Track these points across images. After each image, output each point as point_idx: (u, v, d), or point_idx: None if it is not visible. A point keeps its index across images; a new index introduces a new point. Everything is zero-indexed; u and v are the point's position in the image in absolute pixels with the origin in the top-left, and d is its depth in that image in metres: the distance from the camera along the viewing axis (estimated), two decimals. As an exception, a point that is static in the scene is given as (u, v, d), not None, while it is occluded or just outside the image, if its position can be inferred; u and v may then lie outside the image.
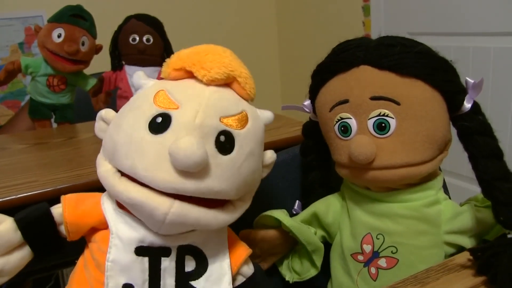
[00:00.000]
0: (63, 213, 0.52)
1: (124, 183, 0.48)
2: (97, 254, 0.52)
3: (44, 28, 1.21)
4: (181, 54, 0.54)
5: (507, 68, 1.48)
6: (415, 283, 0.51)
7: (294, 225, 0.63)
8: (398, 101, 0.54)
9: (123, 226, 0.51)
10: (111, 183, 0.49)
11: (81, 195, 0.55)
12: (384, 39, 0.59)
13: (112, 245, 0.51)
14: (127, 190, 0.48)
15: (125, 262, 0.50)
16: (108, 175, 0.50)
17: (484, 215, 0.58)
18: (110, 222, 0.52)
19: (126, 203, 0.49)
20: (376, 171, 0.56)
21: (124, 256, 0.51)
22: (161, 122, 0.48)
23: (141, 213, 0.49)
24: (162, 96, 0.50)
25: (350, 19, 2.09)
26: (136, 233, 0.51)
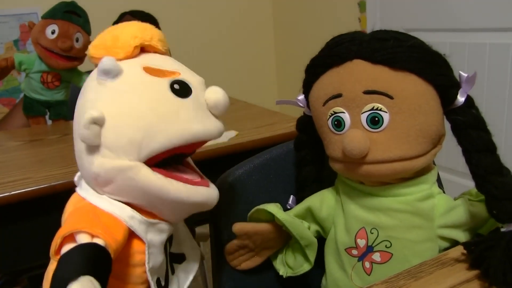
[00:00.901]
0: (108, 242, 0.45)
1: (175, 184, 0.50)
2: (125, 269, 0.50)
3: (38, 24, 1.20)
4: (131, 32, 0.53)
5: (503, 64, 1.48)
6: (408, 277, 0.51)
7: (287, 219, 0.63)
8: (391, 95, 0.54)
9: (153, 234, 0.52)
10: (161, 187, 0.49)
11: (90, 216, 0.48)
12: (378, 33, 0.58)
13: (149, 255, 0.51)
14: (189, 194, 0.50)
15: (160, 262, 0.53)
16: (148, 177, 0.48)
17: (478, 209, 0.58)
18: (142, 236, 0.50)
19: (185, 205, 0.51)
20: (370, 166, 0.56)
21: (160, 257, 0.53)
22: (181, 88, 0.51)
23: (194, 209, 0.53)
24: (153, 70, 0.51)
25: (346, 15, 2.09)
26: (165, 234, 0.53)
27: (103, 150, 0.48)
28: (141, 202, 0.50)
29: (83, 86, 0.55)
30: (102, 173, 0.49)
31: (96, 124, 0.48)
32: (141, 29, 0.54)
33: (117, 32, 0.53)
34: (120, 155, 0.48)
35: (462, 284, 0.49)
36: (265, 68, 2.67)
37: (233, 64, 2.45)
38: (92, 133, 0.47)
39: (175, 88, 0.50)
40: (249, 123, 1.09)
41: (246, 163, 0.73)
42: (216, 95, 0.52)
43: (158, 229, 0.52)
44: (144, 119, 0.48)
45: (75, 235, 0.44)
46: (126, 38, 0.52)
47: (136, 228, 0.49)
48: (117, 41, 0.52)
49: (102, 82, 0.50)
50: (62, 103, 1.28)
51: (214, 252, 0.71)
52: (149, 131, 0.48)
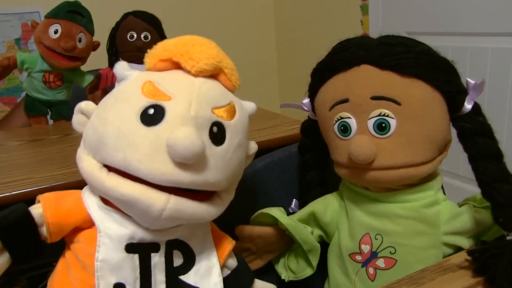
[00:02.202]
0: (44, 213, 0.49)
1: (115, 179, 0.47)
2: (83, 255, 0.50)
3: (41, 23, 1.20)
4: (166, 45, 0.52)
5: (505, 68, 1.48)
6: (410, 283, 0.51)
7: (291, 224, 0.63)
8: (398, 101, 0.54)
9: (111, 223, 0.50)
10: (99, 179, 0.47)
11: (59, 194, 0.52)
12: (385, 38, 0.58)
13: (100, 244, 0.49)
14: (119, 186, 0.46)
15: (115, 261, 0.49)
16: (94, 170, 0.48)
17: (482, 216, 0.58)
18: (96, 220, 0.50)
19: (118, 199, 0.47)
20: (376, 172, 0.56)
21: (115, 254, 0.49)
22: (153, 114, 0.47)
23: (134, 209, 0.47)
24: (151, 87, 0.49)
25: (348, 18, 2.09)
26: (126, 230, 0.50)
27: (82, 141, 0.52)
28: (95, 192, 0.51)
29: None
30: (77, 159, 0.51)
31: (83, 115, 0.52)
32: (178, 43, 0.52)
33: (164, 42, 0.53)
34: (85, 148, 0.50)
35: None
36: (267, 70, 2.67)
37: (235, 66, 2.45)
38: (76, 120, 0.52)
39: (146, 113, 0.47)
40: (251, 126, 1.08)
41: (248, 166, 0.73)
42: (175, 137, 0.44)
43: (116, 220, 0.49)
44: (101, 126, 0.49)
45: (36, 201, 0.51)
46: (159, 49, 0.52)
47: (92, 212, 0.50)
48: (153, 50, 0.52)
49: (118, 83, 0.53)
50: (64, 103, 1.28)
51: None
52: (100, 139, 0.48)
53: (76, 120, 0.52)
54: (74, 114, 0.52)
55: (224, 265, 0.57)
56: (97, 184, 0.48)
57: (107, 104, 0.51)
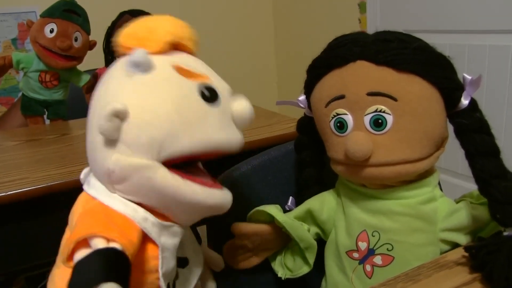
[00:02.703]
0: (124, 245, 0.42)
1: (193, 186, 0.47)
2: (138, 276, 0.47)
3: (36, 23, 1.20)
4: (167, 27, 0.51)
5: (503, 65, 1.48)
6: (406, 280, 0.51)
7: (287, 221, 0.63)
8: (395, 97, 0.54)
9: (166, 237, 0.49)
10: (178, 189, 0.46)
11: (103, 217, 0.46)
12: (381, 34, 0.58)
13: (163, 259, 0.48)
14: (205, 196, 0.48)
15: (172, 268, 0.50)
16: (166, 178, 0.46)
17: (479, 212, 0.58)
18: (156, 238, 0.48)
19: (201, 208, 0.49)
20: (373, 168, 0.56)
21: (172, 262, 0.50)
22: (210, 93, 0.49)
23: (209, 212, 0.51)
24: (185, 70, 0.49)
25: (346, 16, 2.09)
26: (177, 238, 0.51)
27: (120, 146, 0.45)
28: (156, 203, 0.48)
29: (105, 74, 0.52)
30: (117, 170, 0.46)
31: (117, 118, 0.45)
32: (177, 26, 0.52)
33: (151, 24, 0.51)
34: (138, 153, 0.45)
35: (460, 287, 0.49)
36: (265, 69, 2.67)
37: (233, 64, 2.45)
38: (112, 126, 0.44)
39: (204, 93, 0.48)
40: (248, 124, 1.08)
41: (244, 164, 0.73)
42: (243, 107, 0.51)
43: (171, 232, 0.50)
44: (169, 119, 0.45)
45: (89, 240, 0.41)
46: (161, 32, 0.50)
47: (149, 231, 0.47)
48: (151, 33, 0.50)
49: (130, 74, 0.47)
50: (61, 102, 1.28)
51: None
52: (172, 133, 0.45)
53: (112, 127, 0.45)
54: (108, 121, 0.44)
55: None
56: (175, 195, 0.47)
57: (154, 96, 0.46)
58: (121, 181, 0.46)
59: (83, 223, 0.43)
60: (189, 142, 0.46)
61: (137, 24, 0.51)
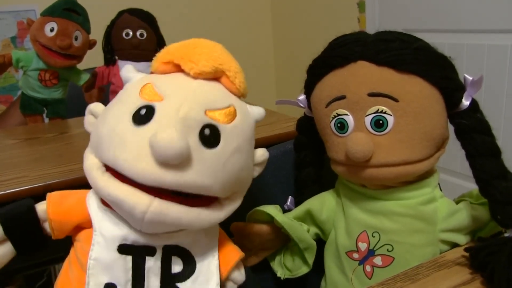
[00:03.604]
0: (47, 209, 0.51)
1: (106, 179, 0.47)
2: (81, 253, 0.51)
3: (36, 21, 1.19)
4: (170, 48, 0.53)
5: (501, 65, 1.48)
6: (405, 279, 0.51)
7: (286, 222, 0.63)
8: (396, 97, 0.54)
9: (106, 223, 0.50)
10: (93, 178, 0.48)
11: (66, 192, 0.54)
12: (382, 34, 0.58)
13: (95, 243, 0.49)
14: (107, 185, 0.47)
15: (107, 260, 0.49)
16: (92, 169, 0.49)
17: (479, 213, 0.58)
18: (93, 219, 0.50)
19: (107, 199, 0.48)
20: (373, 169, 0.55)
21: (107, 254, 0.49)
22: (144, 114, 0.47)
23: (121, 210, 0.48)
24: (148, 89, 0.50)
25: (345, 15, 2.09)
26: (119, 231, 0.49)
27: (90, 141, 0.53)
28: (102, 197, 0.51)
29: None
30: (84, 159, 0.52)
31: (92, 115, 0.54)
32: (180, 47, 0.53)
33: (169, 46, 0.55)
34: (91, 148, 0.51)
35: (459, 286, 0.49)
36: (264, 68, 2.66)
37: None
38: (87, 121, 0.54)
39: (139, 113, 0.47)
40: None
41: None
42: (156, 139, 0.44)
43: (112, 220, 0.50)
44: (101, 126, 0.50)
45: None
46: (162, 52, 0.54)
47: (91, 211, 0.51)
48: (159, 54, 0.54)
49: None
50: (60, 101, 1.27)
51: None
52: (98, 139, 0.50)
53: (87, 121, 0.54)
54: (85, 115, 0.54)
55: (229, 278, 0.55)
56: (92, 183, 0.49)
57: (110, 105, 0.53)
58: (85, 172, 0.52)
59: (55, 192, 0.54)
60: (105, 155, 0.48)
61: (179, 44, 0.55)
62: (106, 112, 0.52)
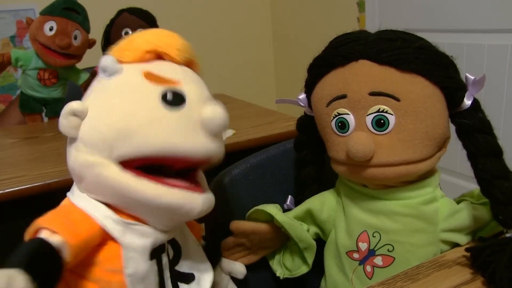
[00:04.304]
0: (65, 238, 0.44)
1: (145, 184, 0.46)
2: (105, 274, 0.48)
3: (36, 20, 1.19)
4: (146, 37, 0.53)
5: (501, 65, 1.48)
6: (405, 279, 0.51)
7: (286, 221, 0.63)
8: (397, 97, 0.53)
9: (132, 236, 0.49)
10: (127, 185, 0.46)
11: (60, 212, 0.48)
12: (384, 33, 0.57)
13: (127, 259, 0.48)
14: (159, 194, 0.47)
15: (144, 271, 0.49)
16: (116, 174, 0.46)
17: (480, 213, 0.58)
18: (117, 236, 0.48)
19: (155, 207, 0.47)
20: (374, 169, 0.55)
21: (143, 265, 0.49)
22: (174, 98, 0.48)
23: (171, 214, 0.49)
24: (154, 76, 0.50)
25: (345, 15, 2.09)
26: (148, 239, 0.50)
27: (79, 144, 0.48)
28: (116, 201, 0.48)
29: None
30: (76, 168, 0.49)
31: (76, 116, 0.48)
32: (159, 36, 0.53)
33: (135, 36, 0.53)
34: (94, 152, 0.47)
35: (459, 286, 0.49)
36: (263, 67, 2.66)
37: (231, 62, 2.44)
38: (69, 124, 0.48)
39: (166, 98, 0.48)
40: (247, 122, 1.09)
41: (242, 162, 0.72)
42: (211, 113, 0.48)
43: (138, 232, 0.49)
44: (122, 120, 0.47)
45: (38, 232, 0.44)
46: (139, 42, 0.52)
47: (109, 228, 0.47)
48: (130, 44, 0.52)
49: (99, 79, 0.51)
50: (59, 100, 1.27)
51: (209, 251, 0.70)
52: (123, 133, 0.46)
53: (67, 124, 0.48)
54: (64, 118, 0.48)
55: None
56: (122, 191, 0.47)
57: (112, 98, 0.49)
58: (80, 179, 0.49)
59: (41, 217, 0.46)
60: (140, 144, 0.46)
61: (127, 37, 0.54)
62: (113, 106, 0.48)
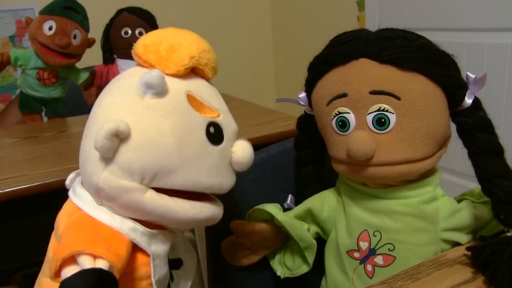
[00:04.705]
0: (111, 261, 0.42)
1: (182, 204, 0.47)
2: (130, 283, 0.47)
3: (35, 20, 1.19)
4: (191, 52, 0.48)
5: (501, 64, 1.48)
6: (406, 278, 0.51)
7: (287, 221, 0.63)
8: (398, 95, 0.53)
9: (156, 244, 0.49)
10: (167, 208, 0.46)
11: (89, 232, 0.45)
12: (384, 32, 0.57)
13: (154, 266, 0.48)
14: (197, 211, 0.49)
15: (164, 274, 0.50)
16: (154, 199, 0.46)
17: (481, 211, 0.58)
18: (146, 248, 0.47)
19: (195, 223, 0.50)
20: (375, 168, 0.55)
21: (164, 268, 0.50)
22: (215, 132, 0.48)
23: (200, 224, 0.51)
24: (195, 101, 0.48)
25: (345, 14, 2.09)
26: (168, 244, 0.51)
27: (113, 166, 0.45)
28: (148, 219, 0.48)
29: (114, 80, 0.50)
30: (106, 189, 0.45)
31: (117, 137, 0.43)
32: (200, 50, 0.49)
33: (176, 42, 0.48)
34: (130, 178, 0.45)
35: (460, 285, 0.49)
36: (263, 66, 2.66)
37: (231, 61, 2.44)
38: (110, 146, 0.43)
39: (210, 132, 0.47)
40: (247, 121, 1.08)
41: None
42: (243, 152, 0.50)
43: (161, 239, 0.50)
44: (167, 153, 0.44)
45: (76, 257, 0.41)
46: (184, 55, 0.47)
47: (138, 241, 0.46)
48: (174, 54, 0.47)
49: (141, 94, 0.46)
50: (59, 100, 1.27)
51: (209, 251, 0.70)
52: (167, 167, 0.45)
53: (110, 146, 0.43)
54: (106, 139, 0.42)
55: None
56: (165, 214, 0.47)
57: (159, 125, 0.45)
58: (110, 200, 0.46)
59: (69, 238, 0.43)
60: (181, 180, 0.46)
61: (160, 37, 0.49)
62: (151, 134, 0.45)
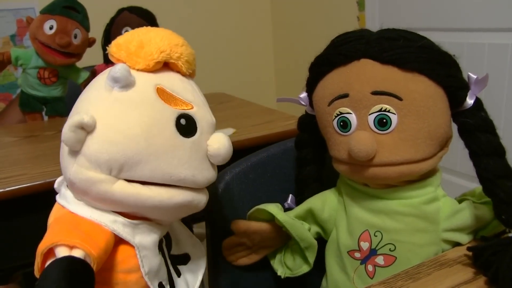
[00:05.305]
0: (87, 251, 0.42)
1: (155, 189, 0.47)
2: (120, 277, 0.47)
3: (36, 19, 1.19)
4: (159, 45, 0.49)
5: (501, 64, 1.48)
6: (406, 278, 0.51)
7: (288, 221, 0.63)
8: (400, 96, 0.53)
9: (141, 235, 0.49)
10: (139, 195, 0.46)
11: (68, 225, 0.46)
12: (386, 32, 0.57)
13: (141, 258, 0.48)
14: (172, 195, 0.47)
15: (157, 265, 0.50)
16: (124, 188, 0.45)
17: (482, 212, 0.58)
18: (129, 239, 0.47)
19: (170, 207, 0.48)
20: (376, 168, 0.55)
21: (155, 260, 0.50)
22: (186, 124, 0.48)
23: (180, 211, 0.50)
24: (166, 94, 0.48)
25: (345, 14, 2.09)
26: (155, 234, 0.50)
27: (81, 158, 0.45)
28: (125, 210, 0.48)
29: (93, 80, 0.51)
30: (76, 182, 0.46)
31: (83, 130, 0.44)
32: (172, 44, 0.49)
33: (145, 38, 0.49)
34: (98, 169, 0.45)
35: (460, 285, 0.49)
36: (264, 66, 2.66)
37: (231, 61, 2.44)
38: (75, 138, 0.44)
39: (180, 123, 0.47)
40: (247, 121, 1.08)
41: (243, 161, 0.72)
42: (219, 144, 0.49)
43: (146, 229, 0.49)
44: (134, 144, 0.45)
45: (54, 249, 0.42)
46: (152, 50, 0.48)
47: (120, 232, 0.47)
48: (141, 49, 0.48)
49: (109, 88, 0.47)
50: (59, 99, 1.27)
51: (210, 251, 0.70)
52: (134, 158, 0.45)
53: (75, 138, 0.44)
54: (71, 131, 0.44)
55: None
56: (138, 202, 0.46)
57: (125, 117, 0.46)
58: (83, 193, 0.47)
59: (48, 233, 0.44)
60: (149, 171, 0.46)
61: (131, 36, 0.50)
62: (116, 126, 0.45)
